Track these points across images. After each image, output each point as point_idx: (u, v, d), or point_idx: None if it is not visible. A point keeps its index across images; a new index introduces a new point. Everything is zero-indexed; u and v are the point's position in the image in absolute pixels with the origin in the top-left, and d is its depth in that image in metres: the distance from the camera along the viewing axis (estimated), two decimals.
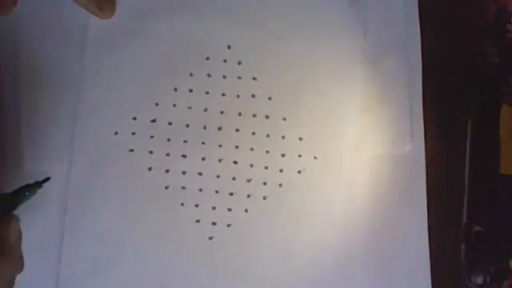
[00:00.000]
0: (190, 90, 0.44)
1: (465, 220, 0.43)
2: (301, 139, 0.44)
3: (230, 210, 0.43)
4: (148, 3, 0.44)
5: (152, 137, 0.43)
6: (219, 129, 0.44)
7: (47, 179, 0.38)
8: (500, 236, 0.42)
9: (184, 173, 0.43)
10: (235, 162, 0.44)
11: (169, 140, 0.43)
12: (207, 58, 0.44)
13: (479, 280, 0.41)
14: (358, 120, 0.44)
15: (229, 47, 0.44)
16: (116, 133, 0.43)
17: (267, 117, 0.44)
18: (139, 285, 0.43)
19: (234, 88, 0.44)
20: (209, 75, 0.44)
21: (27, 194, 0.37)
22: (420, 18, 0.45)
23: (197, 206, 0.43)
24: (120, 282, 0.43)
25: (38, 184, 0.38)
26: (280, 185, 0.43)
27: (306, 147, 0.44)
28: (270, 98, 0.44)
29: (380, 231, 0.44)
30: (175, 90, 0.44)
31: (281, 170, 0.44)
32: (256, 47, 0.44)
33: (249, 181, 0.43)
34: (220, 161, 0.43)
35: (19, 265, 0.34)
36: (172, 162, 0.43)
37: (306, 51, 0.44)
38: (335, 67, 0.44)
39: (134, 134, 0.43)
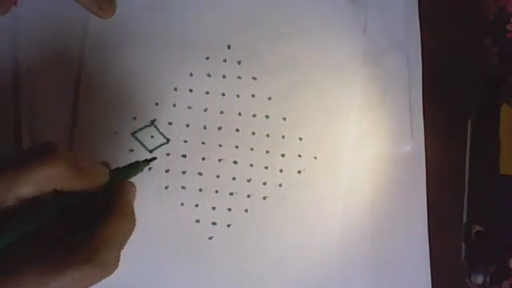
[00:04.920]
0: (190, 90, 0.44)
1: (465, 220, 0.43)
2: (301, 139, 0.44)
3: (229, 210, 0.43)
4: (148, 3, 0.44)
5: (152, 137, 0.43)
6: (219, 129, 0.44)
7: (154, 158, 0.40)
8: (500, 236, 0.42)
9: (184, 173, 0.43)
10: (235, 162, 0.44)
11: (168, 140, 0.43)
12: (207, 58, 0.44)
13: (479, 280, 0.41)
14: (358, 120, 0.44)
15: (229, 47, 0.44)
16: (116, 133, 0.43)
17: (267, 117, 0.44)
18: (139, 285, 0.43)
19: (233, 88, 0.44)
20: (209, 75, 0.44)
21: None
22: (420, 18, 0.45)
23: (197, 205, 0.43)
24: (119, 282, 0.42)
25: (147, 161, 0.39)
26: (280, 185, 0.43)
27: (306, 147, 0.44)
28: (269, 98, 0.44)
29: (380, 231, 0.44)
30: (175, 89, 0.44)
31: (281, 170, 0.44)
32: (256, 47, 0.44)
33: (249, 181, 0.43)
34: (220, 161, 0.43)
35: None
36: (172, 161, 0.43)
37: (306, 51, 0.44)
38: (335, 66, 0.44)
39: (134, 133, 0.43)
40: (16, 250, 0.31)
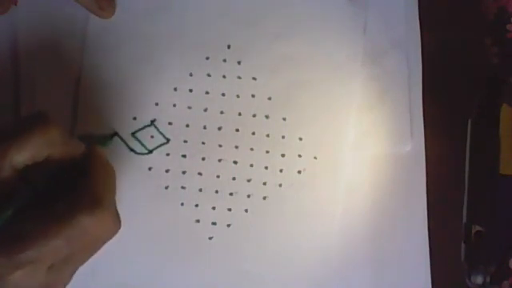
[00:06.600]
0: (190, 90, 0.44)
1: (465, 220, 0.43)
2: (301, 139, 0.44)
3: (229, 210, 0.43)
4: (148, 3, 0.44)
5: (152, 137, 0.43)
6: (219, 129, 0.44)
7: (115, 134, 0.42)
8: (500, 236, 0.42)
9: (184, 173, 0.43)
10: (235, 162, 0.43)
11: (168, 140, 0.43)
12: (207, 58, 0.44)
13: (479, 280, 0.41)
14: (358, 120, 0.44)
15: (229, 47, 0.44)
16: (116, 133, 0.43)
17: (267, 117, 0.44)
18: (139, 285, 0.43)
19: (233, 88, 0.44)
20: (209, 75, 0.44)
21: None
22: (420, 18, 0.45)
23: (197, 205, 0.43)
24: (120, 282, 0.43)
25: (110, 136, 0.42)
26: (280, 185, 0.43)
27: (306, 147, 0.44)
28: (269, 98, 0.44)
29: (380, 231, 0.44)
30: (175, 89, 0.44)
31: (281, 170, 0.44)
32: (256, 47, 0.44)
33: (249, 181, 0.43)
34: (220, 161, 0.43)
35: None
36: (172, 161, 0.43)
37: (306, 51, 0.44)
38: (335, 66, 0.44)
39: (134, 133, 0.43)
40: (17, 220, 0.32)
